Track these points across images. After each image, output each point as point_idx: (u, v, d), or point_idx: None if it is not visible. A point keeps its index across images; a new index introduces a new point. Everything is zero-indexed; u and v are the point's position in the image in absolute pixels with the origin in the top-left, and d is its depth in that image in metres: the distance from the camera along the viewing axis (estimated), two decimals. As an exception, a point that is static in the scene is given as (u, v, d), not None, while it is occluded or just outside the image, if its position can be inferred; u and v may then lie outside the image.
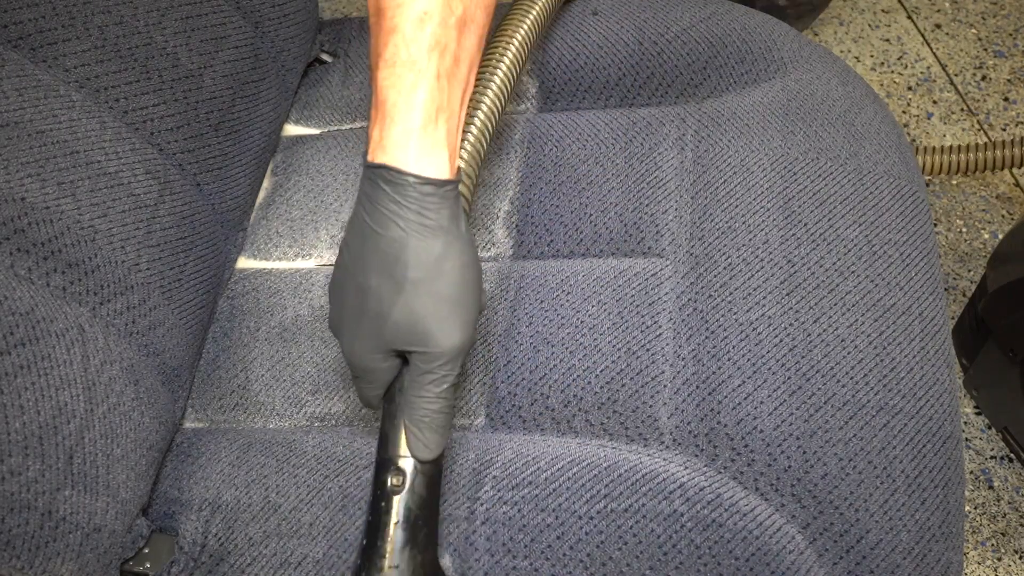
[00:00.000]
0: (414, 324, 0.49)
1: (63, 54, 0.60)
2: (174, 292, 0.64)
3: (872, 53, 1.49)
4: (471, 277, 0.50)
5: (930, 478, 0.59)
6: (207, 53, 0.70)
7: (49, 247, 0.54)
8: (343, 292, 0.51)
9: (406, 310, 0.48)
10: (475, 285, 0.51)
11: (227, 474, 0.60)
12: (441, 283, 0.49)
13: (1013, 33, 1.51)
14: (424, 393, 0.50)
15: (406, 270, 0.48)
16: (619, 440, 0.61)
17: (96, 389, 0.53)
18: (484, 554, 0.54)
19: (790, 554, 0.55)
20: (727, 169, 0.71)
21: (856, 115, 0.75)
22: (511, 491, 0.57)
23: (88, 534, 0.52)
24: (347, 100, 0.84)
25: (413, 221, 0.48)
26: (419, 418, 0.50)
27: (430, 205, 0.48)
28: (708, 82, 0.78)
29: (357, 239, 0.50)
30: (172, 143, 0.67)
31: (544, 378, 0.63)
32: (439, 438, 0.51)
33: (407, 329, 0.49)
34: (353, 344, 0.51)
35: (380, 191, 0.48)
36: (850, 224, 0.68)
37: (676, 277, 0.66)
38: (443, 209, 0.49)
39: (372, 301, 0.49)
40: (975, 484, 1.09)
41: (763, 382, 0.61)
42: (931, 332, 0.65)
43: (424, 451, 0.50)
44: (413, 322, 0.49)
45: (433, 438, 0.51)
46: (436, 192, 0.49)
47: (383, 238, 0.48)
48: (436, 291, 0.49)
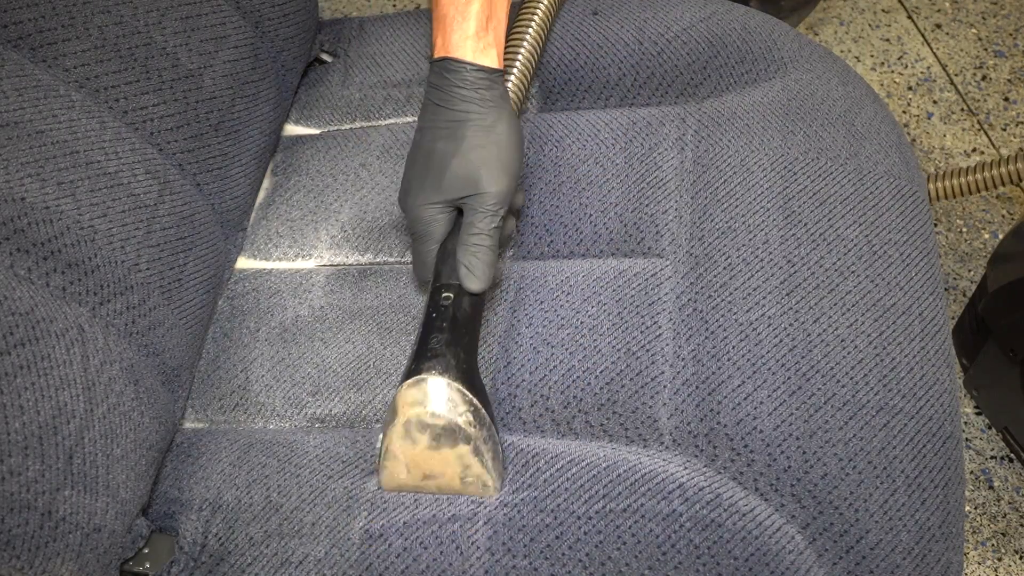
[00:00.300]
0: (469, 174, 0.61)
1: (63, 54, 0.60)
2: (174, 292, 0.64)
3: (872, 53, 1.49)
4: (515, 140, 0.63)
5: (930, 478, 0.59)
6: (207, 53, 0.70)
7: (49, 247, 0.54)
8: (414, 161, 0.64)
9: (463, 163, 0.61)
10: (518, 147, 0.64)
11: (228, 474, 0.60)
12: (492, 143, 0.62)
13: (1013, 33, 1.51)
14: (476, 231, 0.61)
15: (466, 133, 0.62)
16: (619, 441, 0.61)
17: (96, 389, 0.53)
18: (484, 553, 0.54)
19: (790, 554, 0.55)
20: (727, 169, 0.71)
21: (856, 115, 0.75)
22: (512, 493, 0.57)
23: (88, 534, 0.52)
24: (347, 100, 0.84)
25: (472, 98, 0.62)
26: (471, 253, 0.60)
27: (483, 86, 0.62)
28: (708, 82, 0.78)
29: (428, 116, 0.64)
30: (172, 143, 0.67)
31: (544, 379, 0.63)
32: (487, 270, 0.61)
33: (464, 177, 0.61)
34: (417, 200, 0.63)
35: (444, 79, 0.62)
36: (850, 224, 0.68)
37: (676, 277, 0.66)
38: (494, 89, 0.63)
39: (436, 160, 0.62)
40: (975, 484, 1.09)
41: (763, 382, 0.61)
42: (931, 332, 0.65)
43: (474, 281, 0.60)
44: (468, 172, 0.61)
45: (481, 268, 0.60)
46: (488, 77, 0.63)
47: (449, 111, 0.62)
48: (488, 149, 0.62)
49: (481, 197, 0.61)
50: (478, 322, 0.61)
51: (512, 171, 0.62)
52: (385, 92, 0.83)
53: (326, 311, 0.70)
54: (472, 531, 0.55)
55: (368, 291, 0.71)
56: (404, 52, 0.85)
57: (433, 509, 0.56)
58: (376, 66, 0.85)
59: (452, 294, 0.60)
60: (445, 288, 0.61)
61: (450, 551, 0.55)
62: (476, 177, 0.61)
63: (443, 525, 0.55)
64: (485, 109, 0.62)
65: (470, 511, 0.56)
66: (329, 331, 0.69)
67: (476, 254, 0.60)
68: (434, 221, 0.63)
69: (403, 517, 0.56)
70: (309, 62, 0.87)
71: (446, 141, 0.62)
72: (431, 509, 0.56)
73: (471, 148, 0.61)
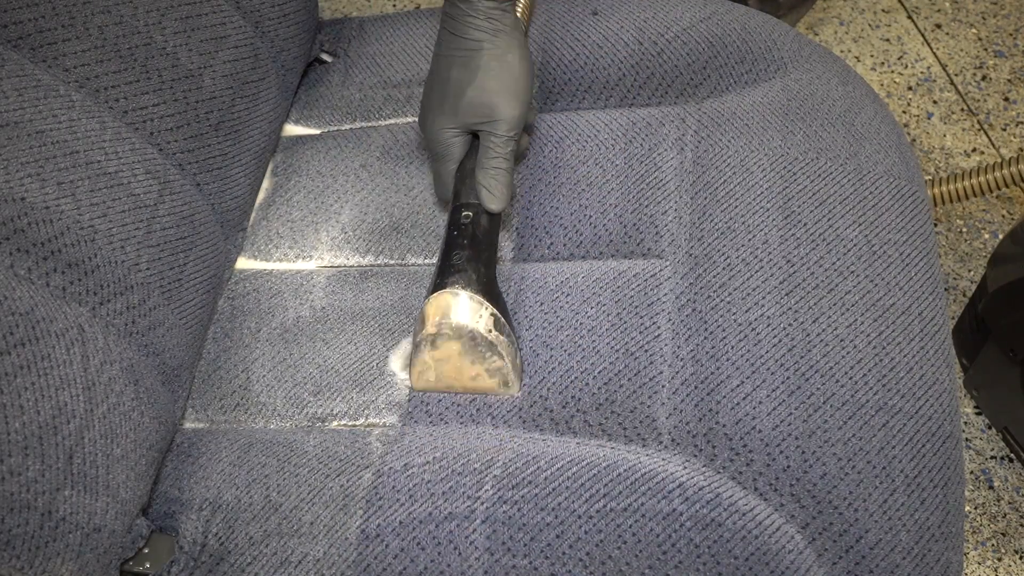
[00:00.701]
0: (484, 102, 0.65)
1: (63, 54, 0.61)
2: (174, 292, 0.64)
3: (872, 53, 1.49)
4: (526, 67, 0.67)
5: (929, 478, 0.59)
6: (207, 53, 0.70)
7: (49, 247, 0.54)
8: (431, 88, 0.68)
9: (478, 90, 0.65)
10: (529, 73, 0.67)
11: (228, 474, 0.60)
12: (505, 72, 0.65)
13: (1013, 33, 1.51)
14: (493, 155, 0.65)
15: (479, 63, 0.65)
16: (618, 440, 0.61)
17: (96, 389, 0.53)
18: (484, 552, 0.54)
19: (789, 553, 0.55)
20: (727, 169, 0.71)
21: (856, 115, 0.75)
22: (511, 490, 0.57)
23: (88, 534, 0.52)
24: (347, 100, 0.84)
25: (485, 27, 0.65)
26: (490, 176, 0.65)
27: (495, 15, 0.65)
28: (708, 82, 0.78)
29: (443, 44, 0.67)
30: (172, 143, 0.67)
31: (543, 380, 0.63)
32: (505, 190, 0.65)
33: (479, 105, 0.65)
34: (435, 125, 0.67)
35: (457, 8, 0.65)
36: (850, 224, 0.68)
37: (675, 278, 0.66)
38: (506, 18, 0.66)
39: (452, 88, 0.66)
40: (975, 484, 1.09)
41: (762, 382, 0.61)
42: (931, 332, 0.65)
43: (494, 201, 0.65)
44: (484, 100, 0.65)
45: (500, 189, 0.65)
46: (499, 6, 0.65)
47: (462, 40, 0.65)
48: (501, 78, 0.65)
49: (496, 124, 0.65)
50: (496, 238, 0.66)
51: (524, 97, 0.66)
52: (385, 92, 0.83)
53: (327, 312, 0.70)
54: (470, 530, 0.55)
55: (369, 292, 0.71)
56: (404, 52, 0.85)
57: (429, 506, 0.56)
58: (376, 66, 0.85)
59: (471, 213, 0.65)
60: (465, 207, 0.66)
61: (448, 552, 0.55)
62: (491, 105, 0.65)
63: (440, 524, 0.55)
64: (497, 38, 0.65)
65: (467, 508, 0.56)
66: (331, 331, 0.69)
67: (495, 176, 0.65)
68: (452, 144, 0.67)
69: (399, 516, 0.56)
70: (309, 62, 0.87)
71: (460, 69, 0.65)
72: (427, 506, 0.56)
73: (485, 77, 0.65)
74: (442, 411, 0.63)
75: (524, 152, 0.74)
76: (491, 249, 0.65)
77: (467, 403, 0.64)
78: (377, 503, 0.57)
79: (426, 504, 0.56)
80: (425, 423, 0.63)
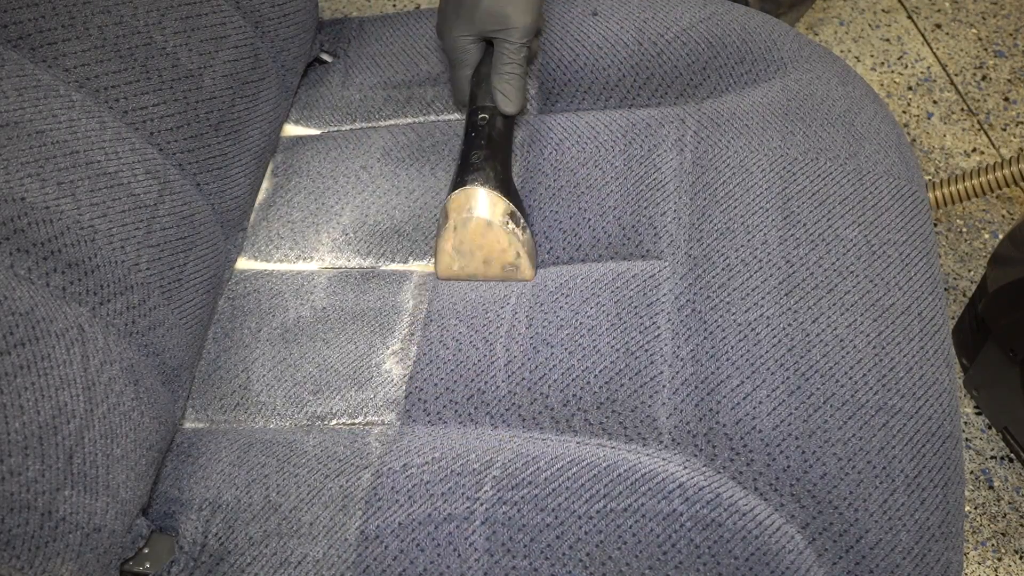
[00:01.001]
0: (499, 10, 0.69)
1: (63, 54, 0.61)
2: (174, 292, 0.64)
3: (872, 53, 1.49)
4: None
5: (929, 478, 0.59)
6: (207, 53, 0.70)
7: (49, 247, 0.54)
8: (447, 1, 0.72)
9: (492, 0, 0.69)
10: None
11: (227, 474, 0.60)
12: None
13: (1013, 33, 1.51)
14: (507, 60, 0.70)
15: None
16: (618, 439, 0.61)
17: (96, 389, 0.53)
18: (483, 554, 0.54)
19: (789, 554, 0.55)
20: (726, 170, 0.71)
21: (856, 115, 0.75)
22: (511, 491, 0.57)
23: (88, 534, 0.52)
24: (347, 100, 0.84)
25: None
26: (505, 81, 0.70)
27: None
28: (708, 82, 0.78)
29: None
30: (172, 143, 0.67)
31: (544, 377, 0.63)
32: (519, 94, 0.71)
33: (494, 14, 0.69)
34: (452, 32, 0.72)
35: None
36: (849, 224, 0.68)
37: (675, 278, 0.67)
38: None
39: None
40: (975, 484, 1.09)
41: (762, 382, 0.61)
42: (931, 332, 0.65)
43: (509, 104, 0.71)
44: (498, 9, 0.69)
45: (514, 93, 0.70)
46: None
47: None
48: None
49: (510, 31, 0.69)
50: (511, 138, 0.72)
51: (536, 5, 0.70)
52: (385, 93, 0.83)
53: (328, 312, 0.70)
54: (469, 531, 0.55)
55: (371, 293, 0.71)
56: (404, 52, 0.85)
57: (428, 507, 0.56)
58: (376, 66, 0.85)
59: (488, 115, 0.70)
60: (481, 110, 0.71)
61: (447, 553, 0.55)
62: (505, 14, 0.69)
63: (439, 525, 0.55)
64: None
65: (466, 509, 0.56)
66: (331, 331, 0.69)
67: (509, 81, 0.70)
68: (467, 50, 0.72)
69: (398, 517, 0.56)
70: (309, 62, 0.87)
71: None
72: (426, 507, 0.56)
73: None
74: (440, 409, 0.64)
75: (535, 56, 0.79)
76: (507, 149, 0.71)
77: (465, 401, 0.64)
78: (376, 504, 0.57)
79: (425, 505, 0.56)
80: (423, 422, 0.63)
